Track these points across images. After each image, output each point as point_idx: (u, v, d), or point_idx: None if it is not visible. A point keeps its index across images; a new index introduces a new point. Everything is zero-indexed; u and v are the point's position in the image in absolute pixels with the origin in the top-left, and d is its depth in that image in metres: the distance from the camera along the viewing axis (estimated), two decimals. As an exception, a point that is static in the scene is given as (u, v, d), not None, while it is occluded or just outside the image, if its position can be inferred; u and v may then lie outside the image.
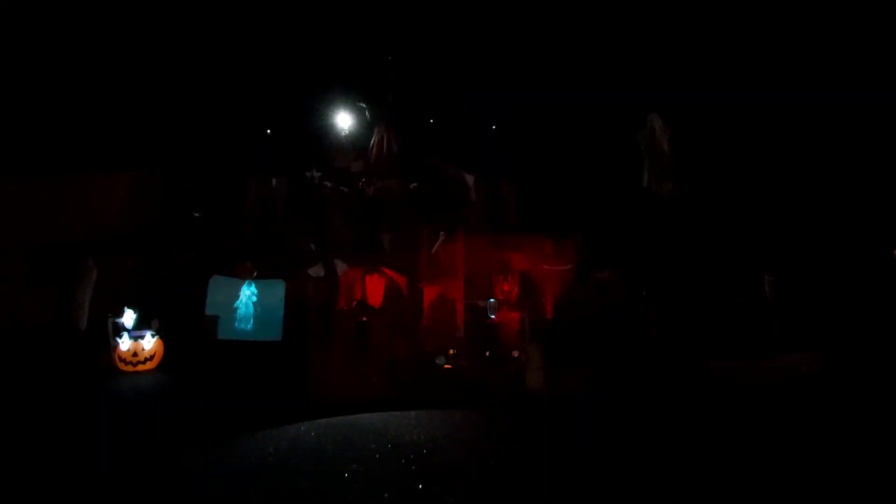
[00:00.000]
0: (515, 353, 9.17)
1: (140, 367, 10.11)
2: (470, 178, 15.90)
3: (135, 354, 10.15)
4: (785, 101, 11.39)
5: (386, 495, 3.90)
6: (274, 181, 15.34)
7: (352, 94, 15.66)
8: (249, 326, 12.57)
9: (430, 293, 12.53)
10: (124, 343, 10.18)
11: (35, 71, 11.59)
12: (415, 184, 15.57)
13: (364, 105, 16.27)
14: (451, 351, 9.42)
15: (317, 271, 12.71)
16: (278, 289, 13.24)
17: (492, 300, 10.67)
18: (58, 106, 12.03)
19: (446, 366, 9.08)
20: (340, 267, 12.28)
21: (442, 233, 14.15)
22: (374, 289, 13.40)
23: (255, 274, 13.27)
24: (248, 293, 12.86)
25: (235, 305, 12.71)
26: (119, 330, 10.41)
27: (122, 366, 10.06)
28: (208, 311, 12.54)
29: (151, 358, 10.30)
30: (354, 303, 11.50)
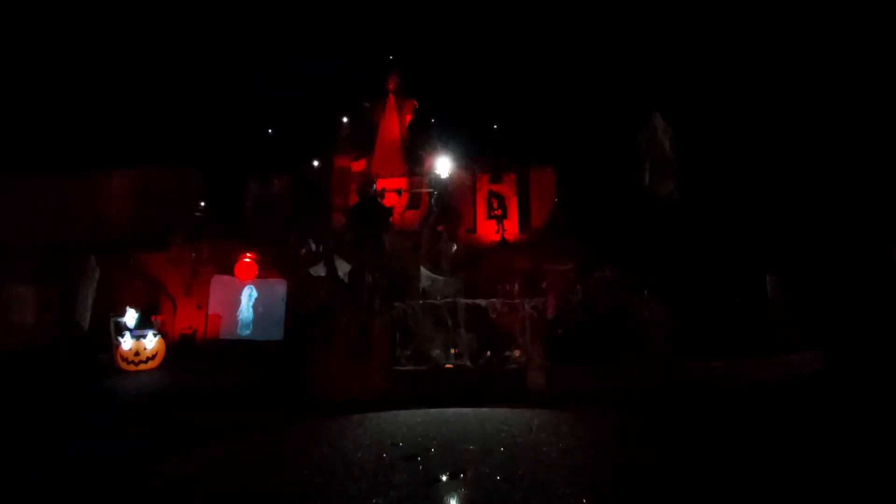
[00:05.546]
0: (517, 353, 9.17)
1: (142, 367, 10.15)
2: (470, 177, 15.93)
3: (137, 354, 10.19)
4: (786, 100, 11.41)
5: (391, 494, 3.91)
6: (275, 181, 15.38)
7: (354, 92, 15.67)
8: (250, 331, 12.64)
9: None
10: (126, 342, 10.22)
11: (37, 72, 11.63)
12: (415, 183, 15.60)
13: (367, 104, 16.29)
14: (453, 350, 9.41)
15: (318, 271, 12.73)
16: (278, 289, 13.28)
17: (493, 300, 10.65)
18: (59, 106, 12.08)
19: (448, 365, 9.08)
20: (342, 267, 12.28)
21: (443, 232, 14.17)
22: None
23: (257, 273, 13.30)
24: (249, 296, 12.90)
25: (237, 312, 12.78)
26: (121, 329, 10.45)
27: (124, 365, 10.10)
28: (210, 311, 12.59)
29: (153, 357, 10.33)
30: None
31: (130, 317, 10.68)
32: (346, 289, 12.03)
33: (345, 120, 16.27)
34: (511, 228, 15.02)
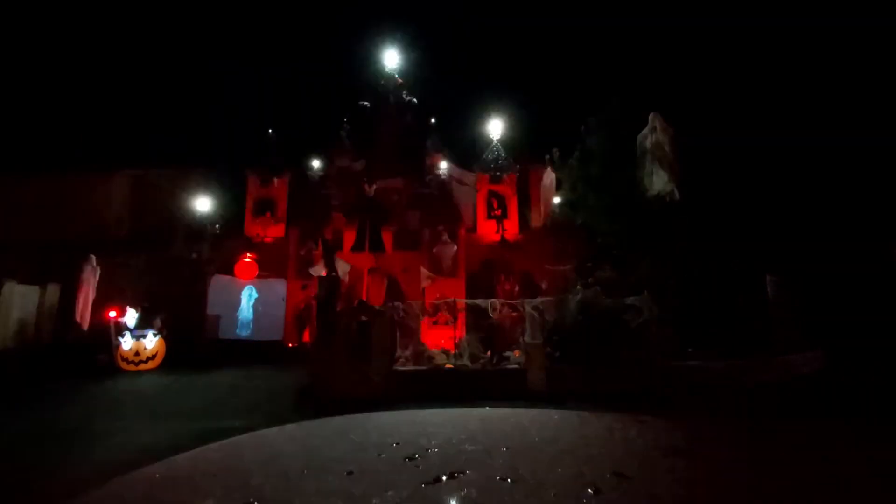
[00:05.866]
0: (517, 353, 9.18)
1: (142, 367, 10.15)
2: (471, 178, 15.92)
3: (137, 353, 10.19)
4: (786, 99, 11.41)
5: (389, 494, 3.91)
6: (275, 181, 15.38)
7: (354, 92, 15.66)
8: (250, 331, 12.65)
9: (430, 292, 12.56)
10: (126, 342, 10.22)
11: (37, 72, 11.65)
12: (415, 183, 15.60)
13: (366, 104, 16.29)
14: (453, 350, 9.42)
15: (317, 271, 12.74)
16: (278, 289, 13.28)
17: (493, 300, 10.65)
18: (59, 107, 12.09)
19: (447, 364, 9.08)
20: (342, 266, 12.28)
21: (443, 232, 14.16)
22: (376, 288, 13.40)
23: (256, 273, 13.30)
24: (249, 296, 12.89)
25: (237, 312, 12.79)
26: (121, 329, 10.46)
27: (124, 365, 10.10)
28: (210, 311, 12.58)
29: (153, 357, 10.33)
30: (356, 302, 11.48)
31: (130, 317, 10.69)
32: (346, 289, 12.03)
33: (345, 120, 16.27)
34: (511, 228, 15.02)
